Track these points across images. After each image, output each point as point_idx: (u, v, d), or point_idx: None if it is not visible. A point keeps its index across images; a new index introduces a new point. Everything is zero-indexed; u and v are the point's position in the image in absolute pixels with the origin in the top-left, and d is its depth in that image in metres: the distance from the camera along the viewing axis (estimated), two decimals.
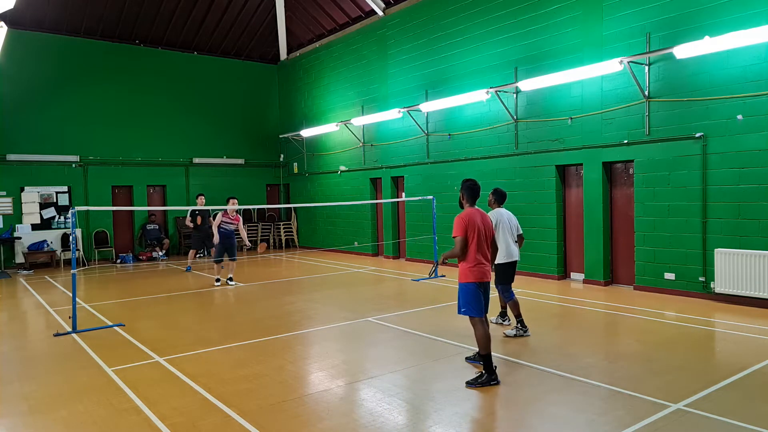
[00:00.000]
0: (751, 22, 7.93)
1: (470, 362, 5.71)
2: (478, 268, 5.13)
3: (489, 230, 5.29)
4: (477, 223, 5.15)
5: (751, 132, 8.14)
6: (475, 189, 5.35)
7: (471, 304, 5.16)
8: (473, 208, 5.29)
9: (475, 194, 5.35)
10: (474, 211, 5.23)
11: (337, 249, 17.26)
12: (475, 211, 5.25)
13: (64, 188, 15.78)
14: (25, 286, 12.00)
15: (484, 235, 5.20)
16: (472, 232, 5.11)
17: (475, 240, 5.10)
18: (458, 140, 12.85)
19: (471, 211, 5.24)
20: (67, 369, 5.98)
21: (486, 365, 5.08)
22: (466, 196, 5.36)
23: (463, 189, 5.37)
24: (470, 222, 5.12)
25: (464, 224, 5.12)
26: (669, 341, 6.47)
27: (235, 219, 11.73)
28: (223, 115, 18.70)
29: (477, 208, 5.31)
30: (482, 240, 5.16)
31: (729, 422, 4.18)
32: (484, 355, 5.09)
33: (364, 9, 15.66)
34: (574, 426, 4.24)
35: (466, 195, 5.35)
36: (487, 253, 5.24)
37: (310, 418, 4.50)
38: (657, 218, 9.30)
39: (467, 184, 5.37)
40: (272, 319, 8.16)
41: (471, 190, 5.34)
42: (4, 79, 14.90)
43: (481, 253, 5.14)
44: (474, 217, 5.16)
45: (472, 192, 5.34)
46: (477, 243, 5.11)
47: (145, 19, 16.54)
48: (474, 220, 5.14)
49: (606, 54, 9.71)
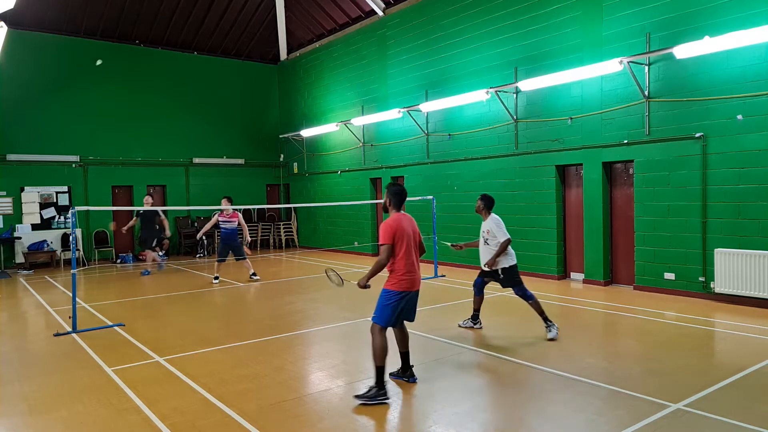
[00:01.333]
0: (751, 22, 7.93)
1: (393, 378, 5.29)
2: (407, 277, 4.88)
3: (417, 236, 5.09)
4: (405, 229, 4.90)
5: (751, 132, 8.14)
6: (402, 194, 5.06)
7: (384, 312, 4.87)
8: (401, 214, 5.03)
9: (402, 199, 5.06)
10: (401, 217, 4.97)
11: (337, 249, 17.26)
12: (403, 216, 5.00)
13: (64, 188, 15.78)
14: (25, 286, 12.00)
15: (413, 242, 4.99)
16: (401, 240, 4.85)
17: (404, 248, 4.86)
18: (458, 140, 12.85)
19: (398, 216, 4.97)
20: (67, 369, 5.98)
21: (378, 379, 4.75)
22: (392, 202, 5.05)
23: (390, 194, 5.06)
24: (398, 228, 4.86)
25: (392, 231, 4.84)
26: (669, 341, 6.47)
27: (233, 216, 11.75)
28: (223, 115, 18.70)
29: (404, 214, 5.06)
30: (411, 247, 4.94)
31: (729, 422, 4.18)
32: (378, 368, 4.76)
33: (364, 9, 15.66)
34: (574, 426, 4.24)
35: (392, 200, 5.04)
36: (416, 260, 5.00)
37: (310, 418, 4.50)
38: (657, 218, 9.30)
39: (394, 189, 5.06)
40: (272, 319, 8.16)
41: (398, 195, 5.04)
42: (4, 79, 14.90)
43: (409, 261, 4.90)
44: (402, 223, 4.90)
45: (400, 197, 5.05)
46: (406, 251, 4.87)
47: (145, 19, 16.54)
48: (402, 227, 4.88)
49: (606, 54, 9.71)
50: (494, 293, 9.30)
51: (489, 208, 7.07)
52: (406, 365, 5.24)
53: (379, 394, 4.71)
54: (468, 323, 7.33)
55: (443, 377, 5.37)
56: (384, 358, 4.80)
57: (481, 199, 7.10)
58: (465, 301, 9.19)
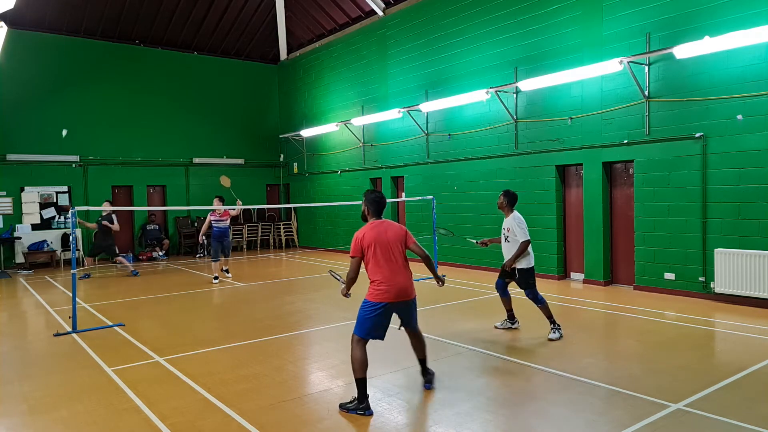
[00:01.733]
0: (751, 22, 7.93)
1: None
2: (383, 288, 4.65)
3: (395, 243, 4.73)
4: (378, 238, 4.68)
5: (751, 132, 8.14)
6: (381, 202, 4.86)
7: (362, 324, 4.71)
8: (377, 222, 4.81)
9: (380, 207, 4.86)
10: (375, 225, 4.77)
11: (337, 249, 17.26)
12: (379, 224, 4.79)
13: (64, 188, 15.78)
14: (25, 286, 12.00)
15: (394, 249, 4.71)
16: (371, 249, 4.66)
17: (376, 257, 4.65)
18: (458, 140, 12.85)
19: (371, 225, 4.78)
20: (67, 369, 5.97)
21: (358, 391, 4.58)
22: (370, 210, 4.85)
23: (367, 202, 4.86)
24: (366, 239, 4.68)
25: (358, 243, 4.71)
26: (669, 341, 6.47)
27: (224, 215, 12.00)
28: (223, 115, 18.70)
29: (383, 221, 4.85)
30: (388, 256, 4.68)
31: (729, 422, 4.18)
32: (356, 380, 4.59)
33: (364, 9, 15.67)
34: (573, 426, 4.24)
35: (370, 208, 4.85)
36: (396, 269, 4.70)
37: (310, 418, 4.50)
38: (657, 218, 9.30)
39: (371, 196, 4.86)
40: (272, 319, 8.16)
41: (376, 203, 4.84)
42: (4, 79, 14.90)
43: (386, 270, 4.65)
44: (372, 233, 4.70)
45: (378, 205, 4.85)
46: (380, 260, 4.65)
47: (145, 19, 16.54)
48: (371, 236, 4.68)
49: (606, 54, 9.71)
50: (494, 293, 9.30)
51: (512, 204, 6.90)
52: (423, 370, 5.13)
53: (359, 407, 4.52)
54: (506, 324, 7.21)
55: (443, 377, 5.37)
56: (362, 370, 4.58)
57: (504, 195, 6.90)
58: (465, 301, 9.20)
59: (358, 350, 4.67)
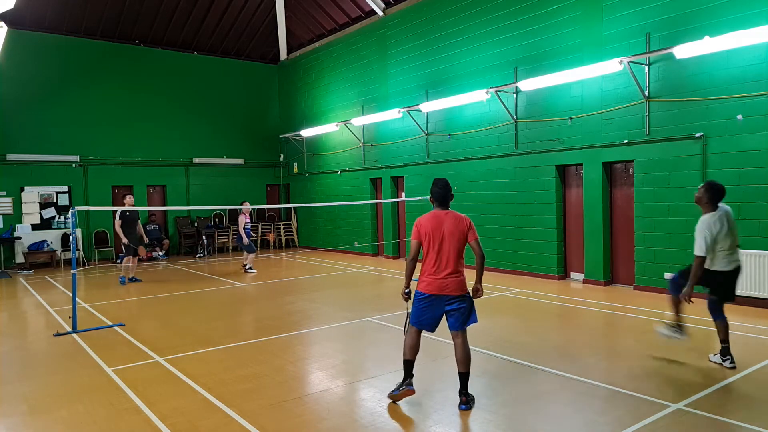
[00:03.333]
0: (751, 22, 7.93)
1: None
2: (426, 279, 4.69)
3: (452, 236, 4.63)
4: (434, 228, 4.64)
5: (751, 132, 8.14)
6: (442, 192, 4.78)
7: (413, 311, 4.80)
8: (440, 211, 4.76)
9: (440, 196, 4.77)
10: (434, 215, 4.73)
11: (337, 249, 17.26)
12: (438, 214, 4.73)
13: (64, 188, 15.78)
14: (25, 286, 12.00)
15: (447, 244, 4.63)
16: (425, 239, 4.67)
17: (428, 247, 4.66)
18: (458, 140, 12.85)
19: (430, 214, 4.77)
20: (67, 369, 5.98)
21: (404, 371, 4.78)
22: (434, 199, 4.84)
23: (432, 191, 4.86)
24: (422, 226, 4.69)
25: (415, 228, 4.74)
26: (669, 341, 6.46)
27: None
28: (223, 115, 18.70)
29: (447, 211, 4.76)
30: (440, 248, 4.63)
31: (729, 422, 4.18)
32: (404, 360, 4.80)
33: (364, 9, 15.66)
34: (573, 426, 4.24)
35: (434, 197, 4.83)
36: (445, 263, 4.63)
37: (310, 418, 4.50)
38: (657, 218, 9.30)
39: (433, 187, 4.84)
40: (272, 319, 8.16)
41: (438, 193, 4.79)
42: (4, 79, 14.90)
43: (433, 262, 4.64)
44: (429, 221, 4.68)
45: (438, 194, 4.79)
46: (430, 251, 4.65)
47: (145, 19, 16.54)
48: (427, 225, 4.67)
49: (606, 54, 9.71)
50: (494, 293, 9.30)
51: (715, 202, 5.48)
52: (462, 388, 4.69)
53: (402, 385, 4.75)
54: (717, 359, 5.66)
55: (443, 377, 5.37)
56: (410, 353, 4.80)
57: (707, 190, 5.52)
58: None
59: (409, 335, 4.85)
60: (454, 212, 4.77)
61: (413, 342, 4.83)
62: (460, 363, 4.67)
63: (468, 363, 4.66)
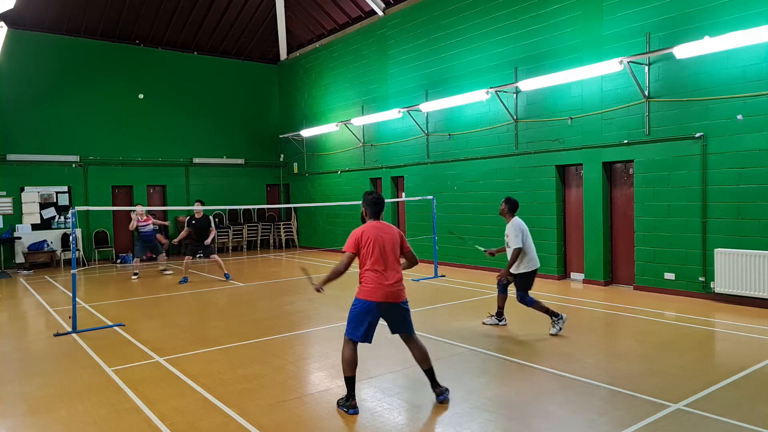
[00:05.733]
0: (751, 22, 7.93)
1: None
2: (370, 287, 4.68)
3: (391, 245, 4.73)
4: (376, 238, 4.71)
5: (751, 132, 8.14)
6: (379, 204, 4.89)
7: (350, 321, 4.77)
8: (374, 222, 4.84)
9: (378, 210, 4.89)
10: (374, 225, 4.80)
11: (337, 249, 17.25)
12: (377, 224, 4.81)
13: (64, 188, 15.78)
14: (25, 286, 12.00)
15: (388, 252, 4.70)
16: (367, 248, 4.70)
17: (372, 257, 4.67)
18: (458, 140, 12.85)
19: (370, 224, 4.82)
20: (67, 369, 5.98)
21: (347, 389, 4.66)
22: (368, 212, 4.89)
23: (365, 203, 4.90)
24: (364, 237, 4.72)
25: (355, 239, 4.74)
26: (669, 341, 6.47)
27: (147, 220, 12.88)
28: (223, 115, 18.70)
29: (381, 222, 4.87)
30: (383, 256, 4.68)
31: (729, 422, 4.18)
32: (345, 378, 4.68)
33: (364, 9, 15.67)
34: (574, 426, 4.24)
35: (368, 210, 4.89)
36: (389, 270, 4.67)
37: (310, 418, 4.50)
38: (657, 218, 9.30)
39: (370, 198, 4.90)
40: (272, 319, 8.16)
41: (374, 205, 4.88)
42: (4, 79, 14.91)
43: (378, 270, 4.66)
44: (371, 232, 4.73)
45: (375, 207, 4.88)
46: (374, 260, 4.67)
47: (145, 19, 16.54)
48: (371, 235, 4.71)
49: (606, 54, 9.71)
50: (494, 293, 9.29)
51: (512, 211, 7.04)
52: (432, 383, 4.80)
53: (346, 404, 4.59)
54: (493, 320, 7.39)
55: (443, 377, 5.35)
56: (348, 369, 4.65)
57: (505, 202, 7.06)
58: (465, 301, 9.18)
59: (347, 349, 4.71)
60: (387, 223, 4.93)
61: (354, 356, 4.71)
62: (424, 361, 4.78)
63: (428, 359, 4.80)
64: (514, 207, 7.05)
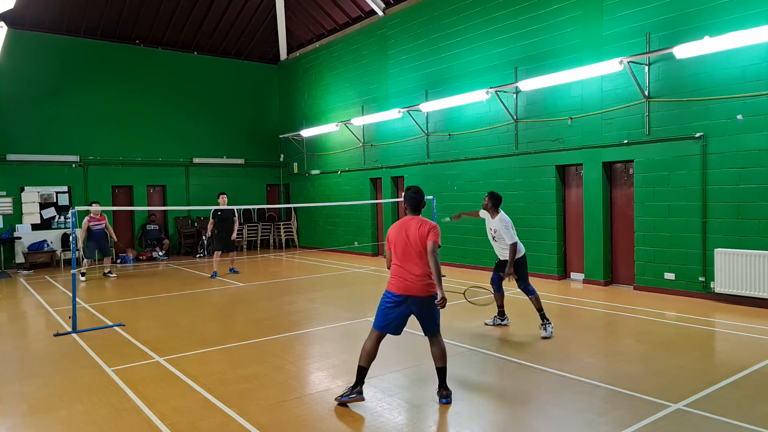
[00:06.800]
0: (751, 22, 7.93)
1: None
2: (393, 279, 4.80)
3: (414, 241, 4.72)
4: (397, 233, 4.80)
5: (751, 132, 8.14)
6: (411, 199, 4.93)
7: (378, 312, 4.86)
8: (408, 217, 4.91)
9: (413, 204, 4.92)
10: (401, 222, 4.89)
11: (337, 249, 17.26)
12: (405, 220, 4.87)
13: (64, 188, 15.78)
14: (25, 286, 12.00)
15: (409, 247, 4.73)
16: (390, 244, 4.87)
17: (394, 251, 4.82)
18: (458, 140, 12.85)
19: (401, 221, 4.91)
20: (67, 369, 5.98)
21: (356, 378, 4.77)
22: (406, 206, 4.99)
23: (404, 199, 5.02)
24: (389, 234, 4.90)
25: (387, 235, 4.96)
26: (669, 341, 6.47)
27: (101, 219, 12.75)
28: (223, 115, 18.70)
29: (412, 217, 4.87)
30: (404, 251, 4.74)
31: (729, 422, 4.18)
32: (358, 366, 4.78)
33: (364, 9, 15.67)
34: (574, 426, 4.24)
35: (405, 204, 4.99)
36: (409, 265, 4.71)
37: (310, 418, 4.50)
38: (657, 218, 9.30)
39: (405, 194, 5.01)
40: (272, 319, 8.16)
41: (408, 200, 4.94)
42: (4, 79, 14.90)
43: (399, 264, 4.76)
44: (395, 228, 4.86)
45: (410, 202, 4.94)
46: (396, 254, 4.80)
47: (145, 19, 16.54)
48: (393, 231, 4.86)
49: (606, 54, 9.71)
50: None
51: (496, 206, 7.06)
52: (440, 382, 4.82)
53: (352, 391, 4.72)
54: (496, 321, 7.43)
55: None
56: (363, 359, 4.76)
57: (488, 197, 7.10)
58: (465, 301, 9.17)
59: (369, 339, 4.83)
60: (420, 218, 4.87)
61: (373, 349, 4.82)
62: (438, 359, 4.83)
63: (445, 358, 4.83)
64: (499, 201, 7.06)
